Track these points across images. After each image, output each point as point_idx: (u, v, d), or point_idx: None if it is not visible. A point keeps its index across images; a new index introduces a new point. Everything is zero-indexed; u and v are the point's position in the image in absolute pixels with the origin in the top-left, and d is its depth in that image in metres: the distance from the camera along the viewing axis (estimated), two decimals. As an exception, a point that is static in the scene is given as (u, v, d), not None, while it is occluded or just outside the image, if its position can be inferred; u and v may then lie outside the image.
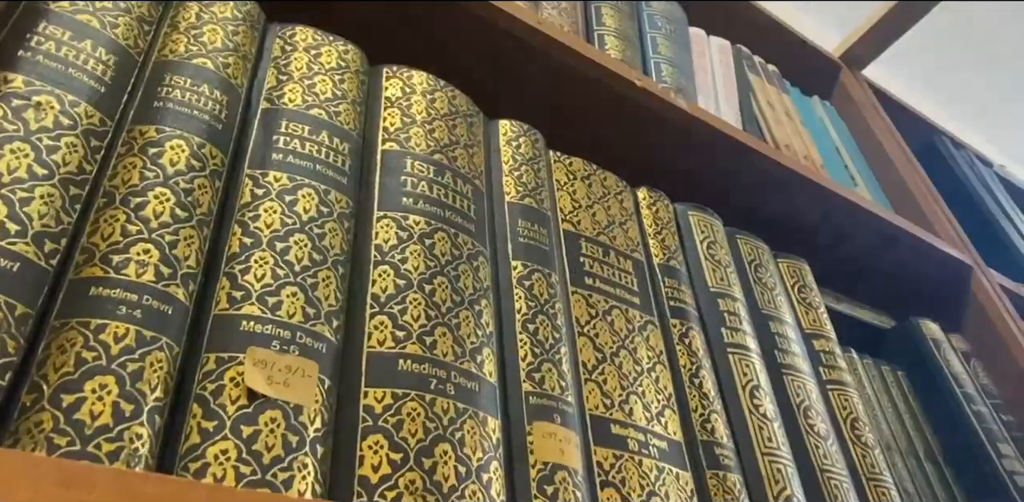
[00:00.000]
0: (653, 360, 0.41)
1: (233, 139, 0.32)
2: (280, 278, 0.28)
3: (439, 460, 0.27)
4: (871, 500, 0.45)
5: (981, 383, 0.69)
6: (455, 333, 0.32)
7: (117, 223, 0.26)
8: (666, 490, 0.35)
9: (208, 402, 0.24)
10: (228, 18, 0.36)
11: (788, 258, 0.59)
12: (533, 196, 0.42)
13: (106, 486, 0.18)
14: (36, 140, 0.26)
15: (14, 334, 0.22)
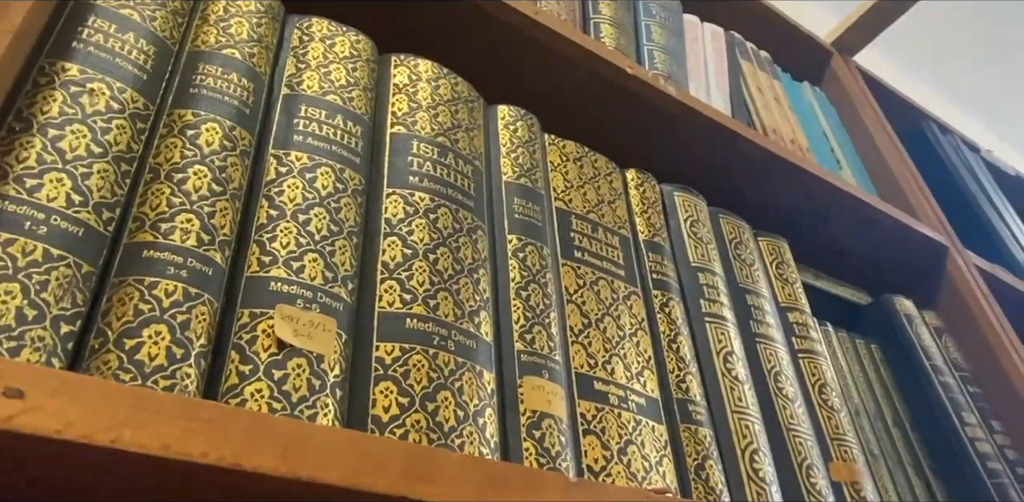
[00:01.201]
0: (635, 326, 0.45)
1: (259, 122, 0.36)
2: (303, 246, 0.32)
3: (441, 405, 0.32)
4: (834, 457, 0.50)
5: (951, 357, 0.74)
6: (456, 297, 0.36)
7: (163, 196, 0.30)
8: (642, 440, 0.39)
9: (244, 349, 0.28)
10: (252, 11, 0.39)
11: (768, 237, 0.63)
12: (528, 176, 0.46)
13: (170, 410, 0.22)
14: (92, 122, 0.30)
15: (81, 289, 0.26)
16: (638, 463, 0.38)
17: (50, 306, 0.25)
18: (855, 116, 0.98)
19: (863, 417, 0.63)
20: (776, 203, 0.72)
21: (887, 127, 0.98)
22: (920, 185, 0.92)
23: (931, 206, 0.89)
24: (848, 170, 0.89)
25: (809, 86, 0.99)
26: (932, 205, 0.89)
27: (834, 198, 0.73)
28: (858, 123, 0.98)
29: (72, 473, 0.22)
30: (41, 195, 0.27)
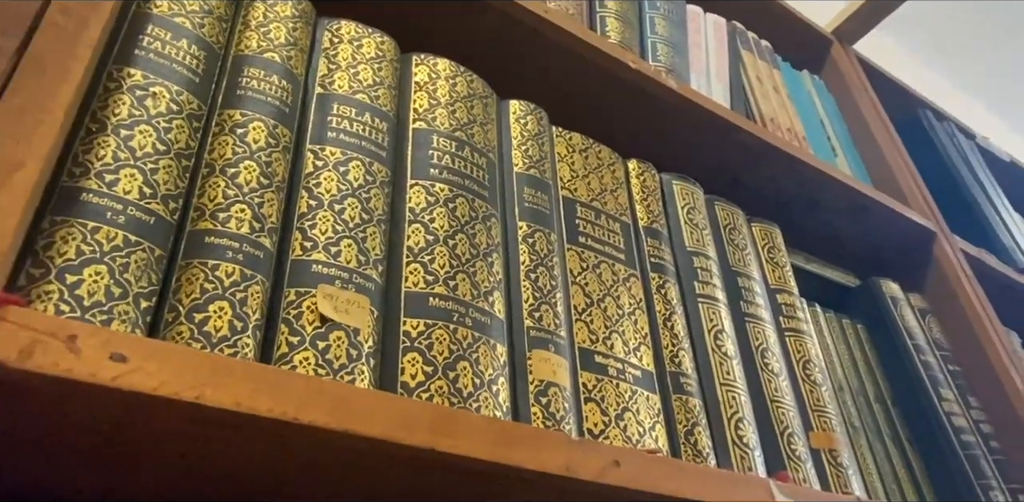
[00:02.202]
0: (633, 306, 0.49)
1: (296, 120, 0.40)
2: (339, 232, 0.37)
3: (460, 373, 0.36)
4: (815, 427, 0.54)
5: (933, 337, 0.78)
6: (472, 279, 0.40)
7: (219, 188, 0.34)
8: (637, 407, 0.44)
9: (292, 323, 0.33)
10: (288, 16, 0.43)
11: (761, 222, 0.67)
12: (537, 167, 0.50)
13: (240, 373, 0.27)
14: (156, 123, 0.34)
15: (155, 270, 0.31)
16: (633, 428, 0.42)
17: (131, 285, 0.29)
18: (852, 104, 1.02)
19: (846, 392, 0.67)
20: (770, 189, 0.76)
21: (882, 115, 1.01)
22: (912, 172, 0.95)
23: (921, 192, 0.93)
24: (843, 157, 0.93)
25: (808, 75, 1.02)
26: (923, 191, 0.93)
27: (826, 185, 0.77)
28: (855, 111, 1.01)
29: (161, 424, 0.26)
30: (118, 188, 0.31)
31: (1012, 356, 0.79)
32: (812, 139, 0.88)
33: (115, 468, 0.30)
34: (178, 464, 0.30)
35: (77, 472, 0.29)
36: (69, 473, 0.29)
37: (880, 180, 0.94)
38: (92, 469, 0.29)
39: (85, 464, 0.29)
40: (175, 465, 0.30)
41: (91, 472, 0.30)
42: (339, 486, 0.33)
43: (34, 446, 0.27)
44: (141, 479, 0.31)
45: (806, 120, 0.91)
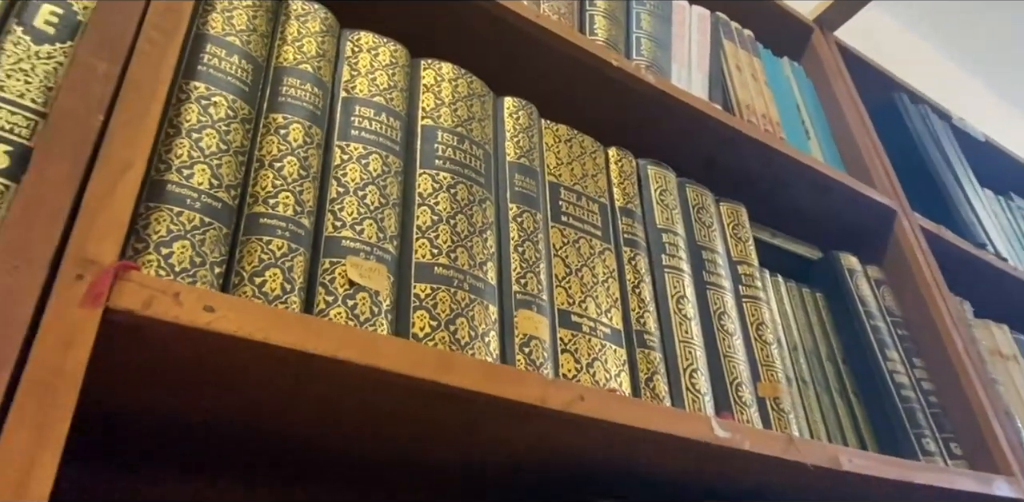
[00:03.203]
0: (607, 275, 0.58)
1: (326, 120, 0.49)
2: (362, 214, 0.46)
3: (459, 327, 0.45)
4: (762, 379, 0.64)
5: (885, 305, 0.87)
6: (470, 251, 0.49)
7: (268, 179, 0.43)
8: (605, 358, 0.53)
9: (327, 286, 0.42)
10: (317, 31, 0.52)
11: (729, 202, 0.75)
12: (527, 156, 0.59)
13: (294, 322, 0.36)
14: (218, 126, 0.43)
15: (223, 243, 0.40)
16: (601, 374, 0.52)
17: (207, 255, 0.39)
18: (829, 89, 1.09)
19: (800, 351, 0.77)
20: (741, 171, 0.84)
21: (856, 99, 1.09)
22: (879, 153, 1.03)
23: (887, 172, 1.01)
24: (816, 139, 1.01)
25: (788, 61, 1.10)
26: (888, 171, 1.01)
27: (792, 167, 0.85)
28: (831, 95, 1.09)
29: (238, 358, 0.36)
30: (194, 181, 0.40)
31: (957, 323, 0.88)
32: (786, 123, 0.96)
33: (205, 393, 0.39)
34: (250, 392, 0.39)
35: (179, 396, 0.39)
36: (173, 397, 0.39)
37: (850, 160, 1.02)
38: (189, 394, 0.39)
39: (184, 390, 0.38)
40: (247, 392, 0.39)
41: (188, 396, 0.39)
42: (364, 412, 0.43)
43: (150, 375, 0.36)
44: (225, 404, 0.40)
45: (782, 105, 0.99)
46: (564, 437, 0.48)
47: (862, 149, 1.01)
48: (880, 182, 0.98)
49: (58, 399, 0.29)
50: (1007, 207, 1.42)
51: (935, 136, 1.22)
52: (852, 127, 1.04)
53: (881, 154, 1.03)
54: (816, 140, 1.00)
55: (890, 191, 0.98)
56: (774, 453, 0.53)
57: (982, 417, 0.80)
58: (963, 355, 0.84)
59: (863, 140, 1.03)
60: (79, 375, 0.29)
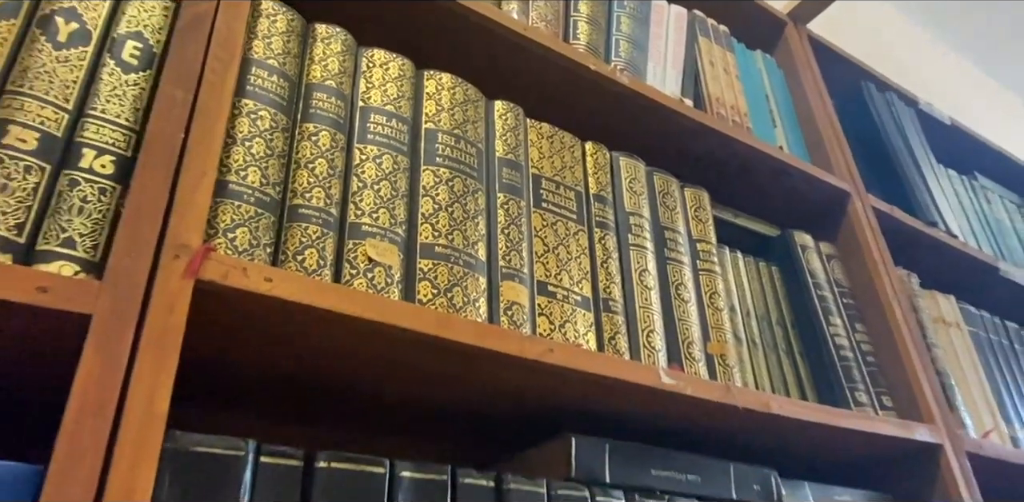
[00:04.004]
0: (579, 253, 0.70)
1: (347, 127, 0.60)
2: (378, 205, 0.57)
3: (456, 295, 0.57)
4: (712, 339, 0.76)
5: (834, 277, 0.99)
6: (464, 234, 0.61)
7: (304, 177, 0.55)
8: (575, 320, 0.65)
9: (351, 262, 0.54)
10: (339, 51, 0.63)
11: (692, 187, 0.87)
12: (514, 152, 0.70)
13: (330, 289, 0.47)
14: (264, 136, 0.54)
15: (272, 230, 0.52)
16: (571, 333, 0.64)
17: (261, 239, 0.50)
18: (798, 80, 1.19)
19: (752, 317, 0.88)
20: (708, 159, 0.95)
21: (822, 88, 1.19)
22: (840, 139, 1.14)
23: (845, 157, 1.12)
24: (781, 128, 1.11)
25: (761, 54, 1.20)
26: (846, 157, 1.12)
27: (753, 155, 0.96)
28: (799, 86, 1.19)
29: (287, 318, 0.47)
30: (248, 180, 0.52)
31: (898, 293, 1.00)
32: (754, 113, 1.06)
33: (263, 346, 0.51)
34: (296, 344, 0.51)
35: (244, 348, 0.51)
36: (240, 348, 0.51)
37: (813, 146, 1.13)
38: (251, 346, 0.51)
39: (248, 343, 0.50)
40: (294, 345, 0.51)
41: (251, 348, 0.51)
42: (382, 362, 0.55)
43: (226, 331, 0.48)
44: (276, 354, 0.52)
45: (751, 96, 1.09)
46: (539, 381, 0.60)
47: (824, 136, 1.12)
48: (838, 166, 1.08)
49: (167, 348, 0.41)
50: (970, 186, 1.52)
51: (898, 121, 1.32)
52: (816, 115, 1.14)
53: (842, 140, 1.14)
54: (782, 128, 1.11)
55: (846, 175, 1.08)
56: (712, 398, 0.66)
57: (913, 375, 0.92)
58: (901, 321, 0.96)
59: (825, 127, 1.13)
60: (181, 330, 0.41)
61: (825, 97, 1.18)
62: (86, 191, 0.45)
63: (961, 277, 1.25)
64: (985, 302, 1.29)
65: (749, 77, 1.12)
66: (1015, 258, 1.47)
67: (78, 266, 0.43)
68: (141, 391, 0.39)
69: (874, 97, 1.31)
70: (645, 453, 0.63)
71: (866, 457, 0.88)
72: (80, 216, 0.44)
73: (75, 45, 0.49)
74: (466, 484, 0.51)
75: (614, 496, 0.59)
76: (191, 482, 0.41)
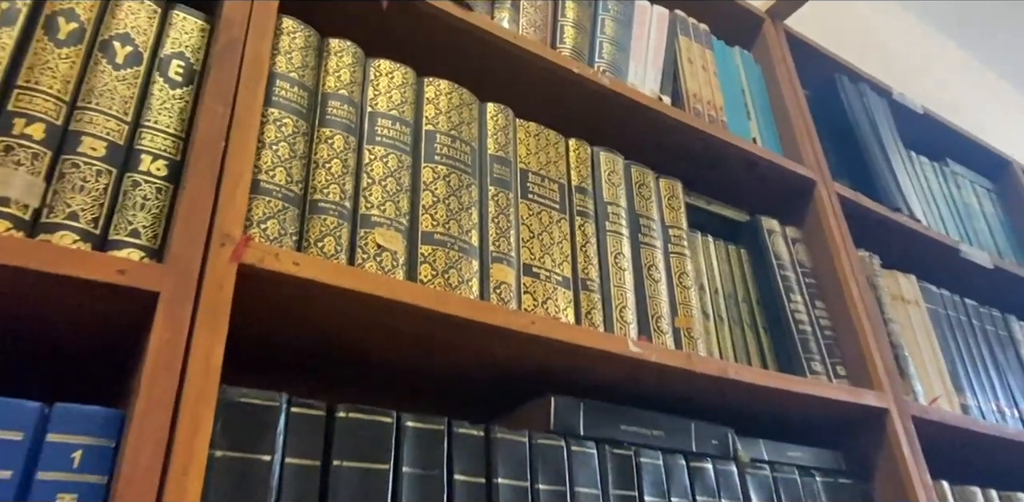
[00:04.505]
0: (561, 238, 0.79)
1: (358, 131, 0.70)
2: (385, 198, 0.67)
3: (452, 276, 0.67)
4: (679, 314, 0.86)
5: (798, 258, 1.08)
6: (459, 223, 0.71)
7: (322, 176, 0.64)
8: (556, 297, 0.75)
9: (363, 248, 0.63)
10: (350, 63, 0.72)
11: (667, 178, 0.96)
12: (504, 150, 0.80)
13: (346, 271, 0.57)
14: (288, 140, 0.64)
15: (297, 220, 0.61)
16: (552, 309, 0.74)
17: (287, 229, 0.60)
18: (773, 74, 1.28)
19: (720, 295, 0.98)
20: (683, 151, 1.05)
21: (795, 82, 1.28)
22: (810, 130, 1.23)
23: (813, 147, 1.21)
24: (755, 121, 1.20)
25: (739, 50, 1.28)
26: (815, 147, 1.21)
27: (725, 147, 1.05)
28: (774, 80, 1.28)
29: (311, 295, 0.57)
30: (276, 179, 0.61)
31: (856, 273, 1.09)
32: (729, 107, 1.15)
33: (292, 320, 0.61)
34: (319, 319, 0.61)
35: (277, 322, 0.61)
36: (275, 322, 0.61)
37: (785, 137, 1.22)
38: (284, 320, 0.61)
39: (281, 317, 0.60)
40: (318, 320, 0.61)
41: (283, 322, 0.61)
42: (390, 333, 0.65)
43: (263, 307, 0.58)
44: (304, 328, 0.62)
45: (728, 91, 1.18)
46: (523, 350, 0.70)
47: (795, 127, 1.21)
48: (807, 156, 1.18)
49: (218, 318, 0.50)
50: (941, 172, 1.62)
51: (869, 111, 1.41)
52: (789, 108, 1.23)
53: (811, 131, 1.23)
54: (756, 121, 1.20)
55: (814, 164, 1.18)
56: (675, 364, 0.76)
57: (865, 347, 1.02)
58: (857, 299, 1.06)
59: (797, 119, 1.22)
60: (228, 303, 0.51)
61: (798, 90, 1.27)
62: (146, 190, 0.55)
63: (923, 258, 1.35)
64: (946, 281, 1.39)
65: (727, 73, 1.21)
66: (981, 239, 1.57)
67: (143, 253, 0.53)
68: (200, 352, 0.49)
69: (846, 88, 1.40)
70: (615, 411, 0.74)
71: (819, 419, 0.98)
72: (142, 211, 0.54)
73: (130, 66, 0.59)
74: (460, 433, 0.62)
75: (587, 446, 0.69)
76: (238, 426, 0.51)
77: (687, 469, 0.76)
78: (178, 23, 0.63)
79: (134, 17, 0.61)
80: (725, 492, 0.77)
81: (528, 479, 0.64)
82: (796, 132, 1.20)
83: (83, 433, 0.45)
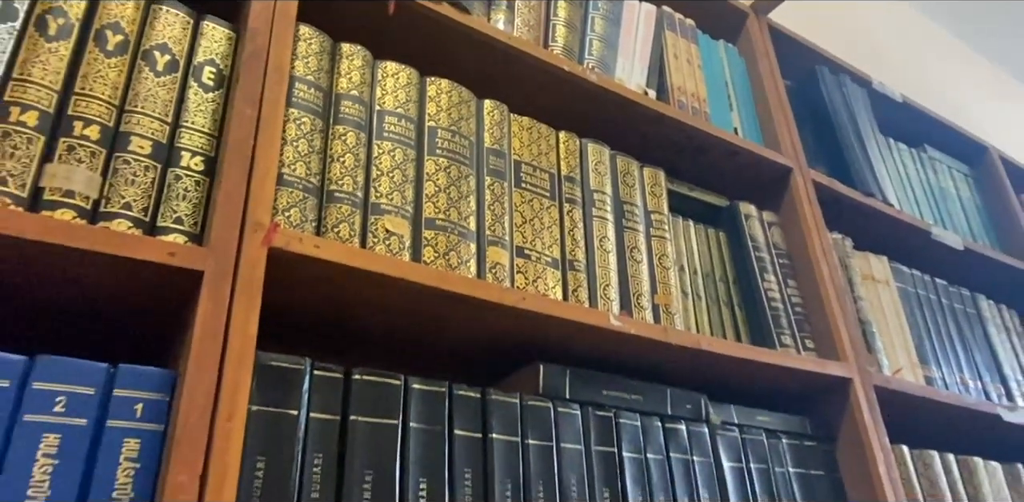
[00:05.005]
0: (551, 223, 0.88)
1: (368, 127, 0.78)
2: (392, 189, 0.75)
3: (451, 257, 0.76)
4: (658, 292, 0.94)
5: (773, 241, 1.17)
6: (458, 210, 0.79)
7: (336, 169, 0.73)
8: (546, 277, 0.83)
9: (373, 233, 0.72)
10: (360, 66, 0.80)
11: (650, 167, 1.04)
12: (499, 143, 0.88)
13: (359, 253, 0.66)
14: (307, 138, 0.72)
15: (315, 209, 0.70)
16: (542, 287, 0.82)
17: (308, 216, 0.69)
18: (756, 67, 1.36)
19: (699, 275, 1.07)
20: (667, 142, 1.13)
21: (776, 74, 1.36)
22: (789, 121, 1.31)
23: (791, 136, 1.29)
24: (737, 112, 1.28)
25: (724, 44, 1.36)
26: (793, 136, 1.29)
27: (707, 138, 1.13)
28: (756, 72, 1.35)
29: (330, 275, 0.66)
30: (296, 172, 0.70)
31: (828, 255, 1.18)
32: (713, 99, 1.23)
33: (314, 297, 0.70)
34: (336, 295, 0.70)
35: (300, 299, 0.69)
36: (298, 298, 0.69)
37: (765, 127, 1.30)
38: (305, 297, 0.69)
39: (303, 294, 0.69)
40: (335, 296, 0.70)
41: (305, 298, 0.70)
42: (398, 308, 0.74)
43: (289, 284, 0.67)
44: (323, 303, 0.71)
45: (711, 84, 1.26)
46: (515, 323, 0.79)
47: (775, 118, 1.29)
48: (785, 145, 1.26)
49: (253, 293, 0.59)
50: (919, 158, 1.69)
51: (847, 100, 1.49)
52: (770, 100, 1.31)
53: (790, 121, 1.31)
54: (738, 112, 1.28)
55: (791, 152, 1.26)
56: (652, 337, 0.85)
57: (833, 322, 1.11)
58: (827, 278, 1.15)
59: (777, 110, 1.30)
60: (261, 281, 0.60)
61: (779, 83, 1.35)
62: (187, 183, 0.63)
63: (896, 240, 1.43)
64: (918, 262, 1.48)
65: (711, 66, 1.29)
66: (955, 222, 1.65)
67: (186, 237, 0.61)
68: (238, 322, 0.57)
69: (827, 79, 1.48)
70: (598, 378, 0.83)
71: (787, 388, 1.07)
72: (184, 201, 0.63)
73: (169, 72, 0.67)
74: (459, 395, 0.71)
75: (572, 408, 0.78)
76: (270, 385, 0.60)
77: (662, 430, 0.85)
78: (208, 32, 0.71)
79: (170, 28, 0.69)
80: (697, 450, 0.86)
81: (519, 435, 0.73)
82: (776, 122, 1.28)
83: (143, 389, 0.54)
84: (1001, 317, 1.59)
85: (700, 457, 0.86)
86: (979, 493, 1.18)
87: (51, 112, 0.60)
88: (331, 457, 0.61)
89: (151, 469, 0.53)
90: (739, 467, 0.90)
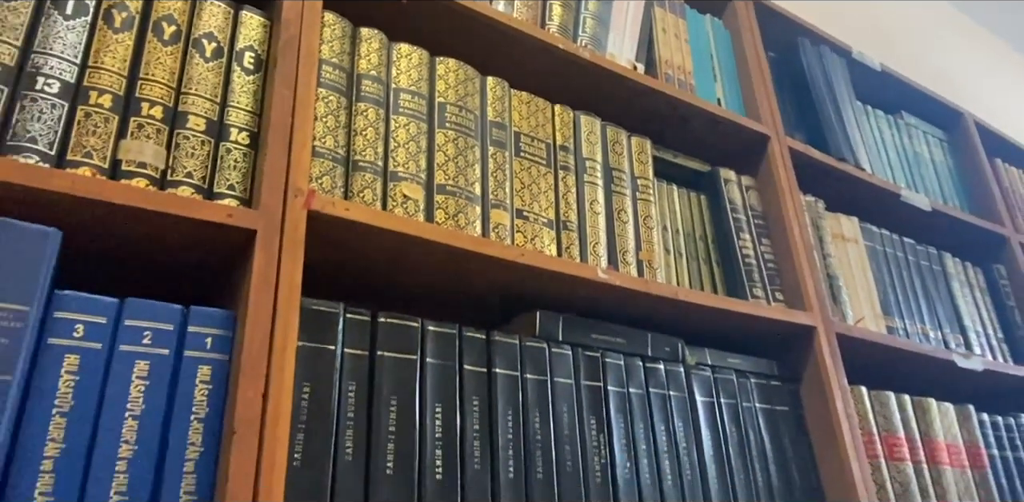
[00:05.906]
0: (547, 188, 0.99)
1: (385, 104, 0.88)
2: (408, 158, 0.86)
3: (460, 219, 0.87)
4: (643, 249, 1.06)
5: (749, 203, 1.28)
6: (466, 177, 0.90)
7: (360, 142, 0.84)
8: (542, 236, 0.95)
9: (392, 197, 0.83)
10: (377, 48, 0.90)
11: (638, 136, 1.15)
12: (501, 116, 0.98)
13: (383, 216, 0.77)
14: (334, 113, 0.83)
15: (342, 177, 0.81)
16: (539, 244, 0.94)
17: (337, 183, 0.80)
18: (740, 40, 1.45)
19: (680, 234, 1.19)
20: (654, 111, 1.23)
21: (759, 47, 1.45)
22: (768, 91, 1.41)
23: (771, 106, 1.39)
24: (721, 83, 1.38)
25: (710, 18, 1.45)
26: (772, 105, 1.39)
27: (691, 109, 1.23)
28: (740, 45, 1.45)
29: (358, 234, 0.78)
30: (326, 145, 0.80)
31: (799, 215, 1.29)
32: (698, 71, 1.33)
33: (345, 253, 0.81)
34: (360, 250, 0.81)
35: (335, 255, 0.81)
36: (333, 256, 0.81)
37: (747, 97, 1.40)
38: (338, 253, 0.81)
39: (337, 252, 0.80)
40: (360, 251, 0.81)
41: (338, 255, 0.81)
42: (416, 264, 0.85)
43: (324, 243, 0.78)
44: (352, 259, 0.83)
45: (697, 56, 1.36)
46: (515, 276, 0.91)
47: (756, 89, 1.39)
48: (764, 114, 1.36)
49: (296, 249, 0.71)
50: (895, 124, 1.80)
51: (826, 70, 1.58)
52: (752, 71, 1.41)
53: (770, 91, 1.41)
54: (721, 83, 1.38)
55: (770, 121, 1.36)
56: (635, 288, 0.97)
57: (801, 276, 1.23)
58: (798, 236, 1.26)
59: (758, 81, 1.40)
60: (303, 240, 0.71)
61: (761, 55, 1.44)
62: (236, 155, 0.74)
63: (867, 202, 1.55)
64: (889, 223, 1.60)
65: (697, 40, 1.38)
66: (928, 185, 1.77)
67: (238, 201, 0.73)
68: (286, 273, 0.69)
69: (807, 50, 1.57)
70: (586, 323, 0.95)
71: (758, 335, 1.20)
72: (235, 171, 0.74)
73: (216, 58, 0.77)
74: (468, 336, 0.83)
75: (564, 349, 0.91)
76: (312, 324, 0.72)
77: (643, 369, 0.97)
78: (246, 21, 0.81)
79: (215, 18, 0.79)
80: (673, 387, 0.99)
81: (519, 371, 0.85)
82: (756, 93, 1.38)
83: (211, 326, 0.66)
84: (966, 274, 1.71)
85: (676, 392, 0.99)
86: (931, 429, 1.32)
87: (121, 95, 0.71)
88: (363, 385, 0.74)
89: (220, 390, 0.65)
90: (710, 401, 1.03)
